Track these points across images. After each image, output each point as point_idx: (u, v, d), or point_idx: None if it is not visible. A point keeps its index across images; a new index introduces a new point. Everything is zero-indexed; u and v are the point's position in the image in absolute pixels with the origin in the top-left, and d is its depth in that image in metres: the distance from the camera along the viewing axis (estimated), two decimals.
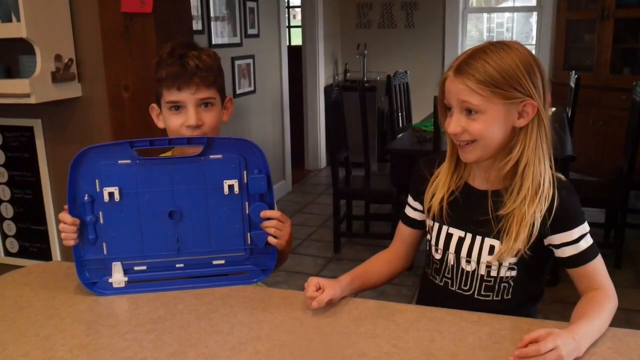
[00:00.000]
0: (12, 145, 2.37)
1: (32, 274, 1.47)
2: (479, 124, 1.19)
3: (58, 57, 2.08)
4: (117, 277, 1.34)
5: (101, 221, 1.32)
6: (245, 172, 1.33)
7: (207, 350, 1.09)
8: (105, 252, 1.33)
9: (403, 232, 1.45)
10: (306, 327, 1.18)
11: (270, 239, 1.35)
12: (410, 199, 1.43)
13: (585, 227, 1.23)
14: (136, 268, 1.35)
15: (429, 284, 1.39)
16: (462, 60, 1.19)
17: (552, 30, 5.66)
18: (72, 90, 2.17)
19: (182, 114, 1.41)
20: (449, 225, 1.31)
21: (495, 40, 1.28)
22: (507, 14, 6.20)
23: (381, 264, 1.43)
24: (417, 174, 1.39)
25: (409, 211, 1.43)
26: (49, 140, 2.32)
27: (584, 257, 1.23)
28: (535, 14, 5.88)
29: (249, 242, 1.37)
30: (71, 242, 1.32)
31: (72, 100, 2.20)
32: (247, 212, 1.35)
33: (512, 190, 1.22)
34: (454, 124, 1.21)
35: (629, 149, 3.48)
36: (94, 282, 1.34)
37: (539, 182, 1.20)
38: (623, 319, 2.89)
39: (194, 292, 1.33)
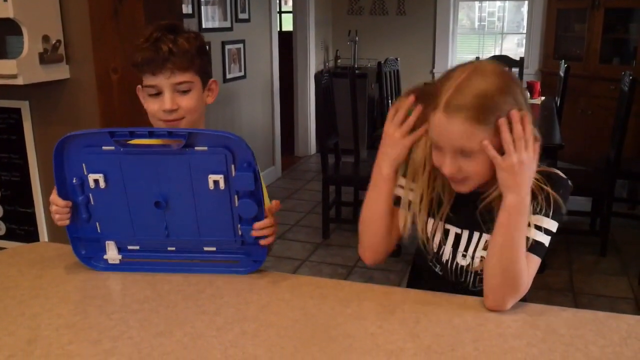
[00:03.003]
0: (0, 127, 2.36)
1: (18, 255, 1.46)
2: (476, 164, 1.15)
3: (46, 38, 2.06)
4: (112, 255, 1.35)
5: (92, 202, 1.31)
6: (232, 167, 1.25)
7: (193, 330, 1.09)
8: (99, 230, 1.34)
9: (397, 215, 1.35)
10: (292, 308, 1.18)
11: (262, 241, 1.31)
12: (401, 179, 1.32)
13: (552, 225, 1.20)
14: (130, 247, 1.36)
15: (427, 269, 1.36)
16: (451, 98, 1.12)
17: (542, 20, 5.67)
18: (60, 72, 2.15)
19: (160, 99, 1.39)
20: (446, 222, 1.29)
21: (469, 63, 1.18)
22: (498, 3, 6.20)
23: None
24: None
25: (397, 190, 1.33)
26: (37, 122, 2.30)
27: (529, 246, 1.19)
28: (526, 3, 5.88)
29: (240, 233, 1.32)
30: (65, 222, 1.32)
31: (60, 82, 2.19)
32: (236, 204, 1.28)
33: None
34: (450, 166, 1.16)
35: (616, 138, 3.51)
36: (89, 257, 1.35)
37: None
38: (607, 306, 2.93)
39: (182, 274, 1.34)
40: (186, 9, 3.74)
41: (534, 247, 1.19)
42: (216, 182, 1.25)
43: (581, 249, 3.64)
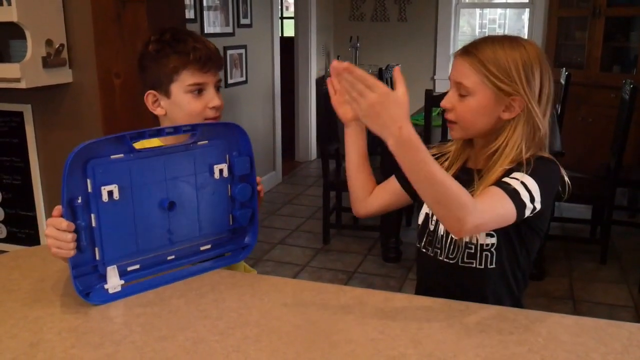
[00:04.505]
0: (2, 130, 2.36)
1: (20, 258, 1.47)
2: (466, 106, 1.26)
3: (49, 42, 2.07)
4: (113, 282, 1.25)
5: (93, 224, 1.19)
6: (227, 156, 1.35)
7: (195, 334, 1.10)
8: (97, 257, 1.22)
9: (392, 183, 1.49)
10: (294, 313, 1.19)
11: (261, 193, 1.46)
12: None
13: (529, 180, 1.20)
14: (129, 269, 1.28)
15: (422, 257, 1.43)
16: (472, 42, 1.27)
17: (543, 27, 5.68)
18: (62, 75, 2.16)
19: (203, 97, 1.43)
20: None
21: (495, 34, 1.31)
22: (499, 10, 6.23)
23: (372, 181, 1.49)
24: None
25: None
26: (39, 126, 2.31)
27: (498, 184, 1.21)
28: (527, 10, 5.90)
29: (231, 222, 1.40)
30: (71, 253, 1.16)
31: (63, 85, 2.19)
32: (230, 193, 1.38)
33: (488, 170, 1.27)
34: (446, 99, 1.29)
35: (616, 146, 3.51)
36: (87, 292, 1.23)
37: (510, 167, 1.24)
38: (607, 314, 2.93)
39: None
40: (188, 14, 3.75)
41: (502, 185, 1.20)
42: (221, 171, 1.35)
43: (581, 257, 3.64)
